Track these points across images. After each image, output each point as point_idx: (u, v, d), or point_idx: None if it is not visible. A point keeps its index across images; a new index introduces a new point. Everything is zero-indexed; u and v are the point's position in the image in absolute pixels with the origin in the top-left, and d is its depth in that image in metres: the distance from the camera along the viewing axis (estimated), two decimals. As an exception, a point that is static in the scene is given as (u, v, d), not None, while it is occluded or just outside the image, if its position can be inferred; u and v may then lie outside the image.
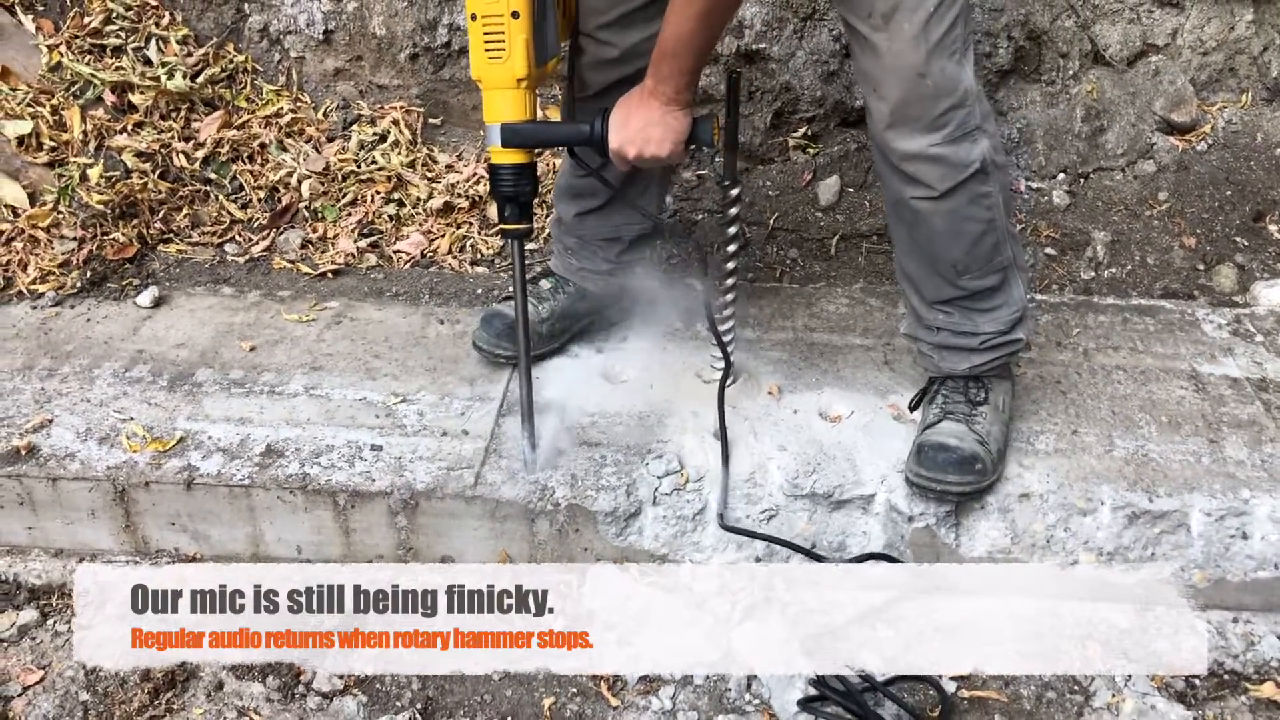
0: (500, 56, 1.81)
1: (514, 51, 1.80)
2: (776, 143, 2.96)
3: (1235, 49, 2.95)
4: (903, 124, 1.80)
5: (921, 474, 1.97)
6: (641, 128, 1.85)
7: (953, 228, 1.89)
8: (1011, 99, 2.96)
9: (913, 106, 1.78)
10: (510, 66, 1.82)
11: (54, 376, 2.29)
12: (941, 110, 1.78)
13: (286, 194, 2.85)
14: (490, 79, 1.84)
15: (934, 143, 1.80)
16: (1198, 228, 2.82)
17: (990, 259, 1.95)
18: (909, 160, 1.83)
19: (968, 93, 1.80)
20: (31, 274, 2.60)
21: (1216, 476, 2.03)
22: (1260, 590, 1.99)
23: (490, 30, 1.79)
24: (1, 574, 2.11)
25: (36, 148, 2.74)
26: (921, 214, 1.89)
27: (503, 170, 1.91)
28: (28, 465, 2.08)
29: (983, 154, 1.84)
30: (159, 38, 2.92)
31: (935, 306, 2.03)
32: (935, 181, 1.84)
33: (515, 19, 1.78)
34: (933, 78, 1.75)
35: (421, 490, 2.02)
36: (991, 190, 1.88)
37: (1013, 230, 2.00)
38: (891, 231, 2.05)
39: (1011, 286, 2.00)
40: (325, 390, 2.25)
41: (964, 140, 1.82)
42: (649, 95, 1.83)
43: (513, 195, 1.93)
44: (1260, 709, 1.88)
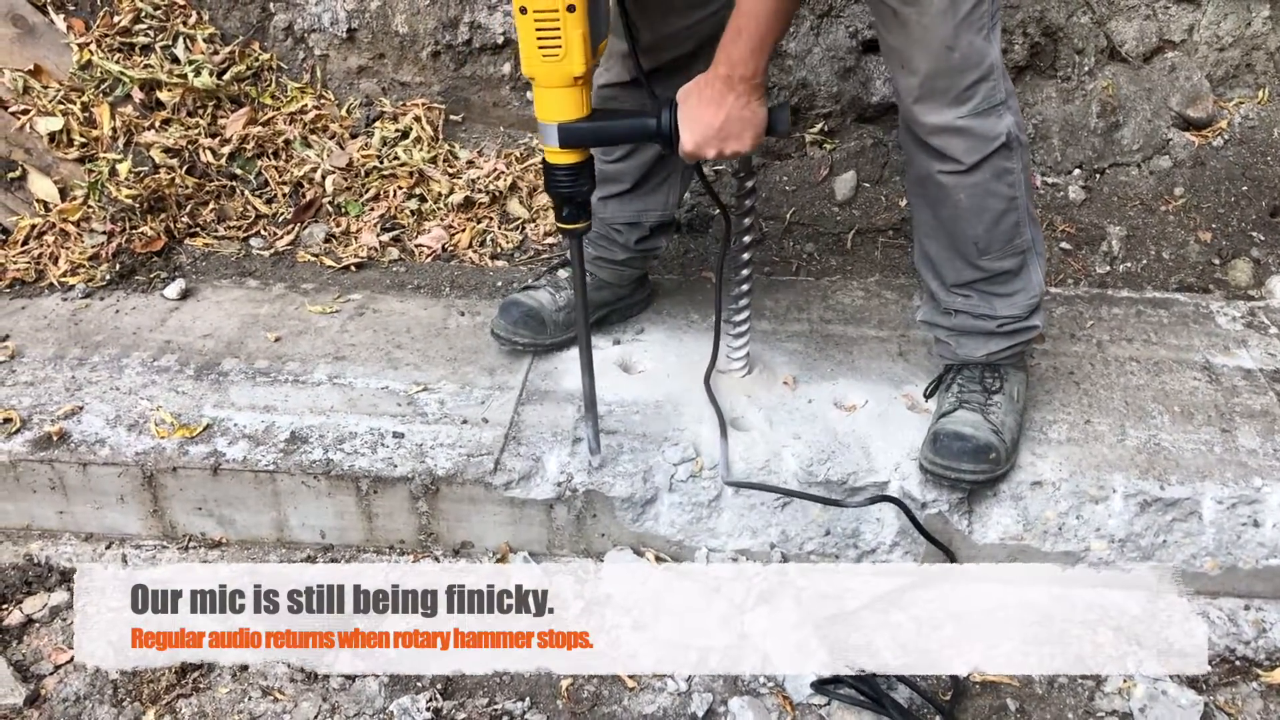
0: (556, 55, 1.66)
1: (571, 48, 1.65)
2: (793, 138, 2.99)
3: (1252, 45, 2.96)
4: (930, 97, 1.83)
5: (936, 462, 1.99)
6: (720, 123, 1.74)
7: (977, 203, 1.92)
8: (1027, 95, 2.98)
9: (940, 79, 1.81)
10: (568, 64, 1.67)
11: (84, 365, 2.34)
12: (969, 83, 1.81)
13: (310, 189, 2.89)
14: (545, 77, 1.70)
15: (961, 115, 1.83)
16: (1213, 223, 2.83)
17: (1011, 239, 1.97)
18: (936, 133, 1.86)
19: (994, 67, 1.83)
20: (62, 267, 2.66)
21: (1229, 465, 2.05)
22: (1271, 577, 2.01)
23: (544, 26, 1.63)
24: (34, 557, 2.16)
25: (67, 144, 2.80)
26: (947, 189, 1.91)
27: (560, 170, 1.81)
28: (59, 451, 2.13)
29: (1008, 128, 1.87)
30: (186, 36, 2.97)
31: (954, 290, 2.05)
32: (962, 155, 1.87)
33: (571, 13, 1.62)
34: (960, 51, 1.78)
35: (442, 476, 2.06)
36: (1015, 167, 1.91)
37: (1033, 214, 2.02)
38: (914, 213, 2.08)
39: (1031, 271, 2.02)
40: (348, 379, 2.29)
41: (990, 114, 1.85)
42: (722, 84, 1.72)
43: (571, 195, 1.84)
44: (1271, 695, 1.90)
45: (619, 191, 2.28)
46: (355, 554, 2.15)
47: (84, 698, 1.91)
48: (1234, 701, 1.89)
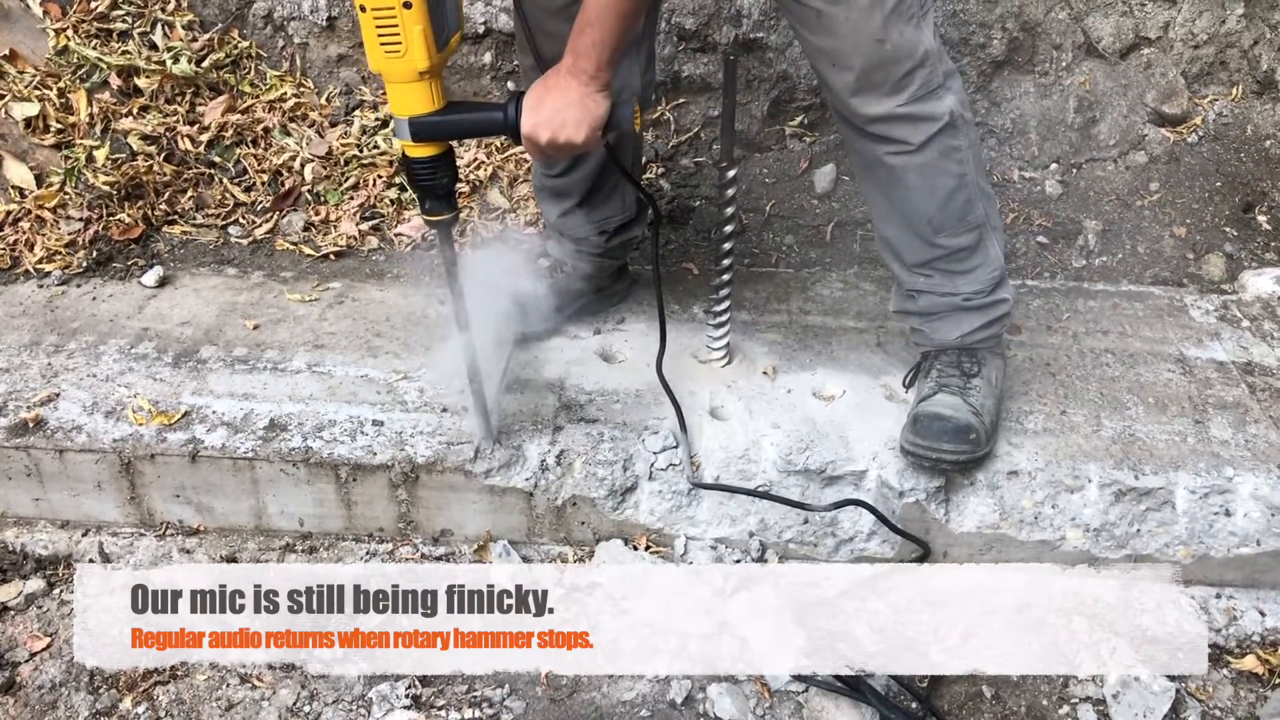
0: (398, 51, 1.64)
1: (411, 45, 1.64)
2: (773, 131, 3.00)
3: (1226, 42, 2.99)
4: (867, 90, 1.84)
5: (917, 443, 2.00)
6: (557, 110, 1.72)
7: (926, 182, 1.93)
8: (1005, 90, 3.00)
9: (875, 73, 1.82)
10: (410, 60, 1.66)
11: (60, 352, 2.33)
12: (904, 72, 1.82)
13: (289, 177, 2.88)
14: (391, 74, 1.69)
15: (900, 103, 1.85)
16: (1188, 218, 2.86)
17: (964, 216, 1.98)
18: (876, 122, 1.87)
19: (928, 53, 1.84)
20: (38, 253, 2.63)
21: (1201, 455, 2.07)
22: (1242, 566, 2.03)
23: (383, 22, 1.62)
24: (9, 544, 2.15)
25: (44, 130, 2.77)
26: (896, 171, 1.92)
27: (417, 164, 1.79)
28: (35, 437, 2.12)
29: (950, 108, 1.88)
30: (165, 23, 2.95)
31: (915, 271, 2.06)
32: (909, 136, 1.88)
33: (408, 9, 1.61)
34: (891, 42, 1.79)
35: (422, 464, 2.06)
36: (962, 144, 1.92)
37: (986, 189, 2.02)
38: (868, 200, 2.09)
39: (988, 246, 2.04)
40: (328, 367, 2.29)
41: (929, 98, 1.86)
42: (566, 74, 1.72)
43: (430, 187, 1.82)
44: (1241, 681, 1.93)
45: (572, 205, 2.28)
46: (334, 541, 2.15)
47: (60, 685, 1.91)
48: (1205, 688, 1.92)
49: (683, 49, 2.89)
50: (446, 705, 1.87)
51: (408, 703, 1.86)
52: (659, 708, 1.87)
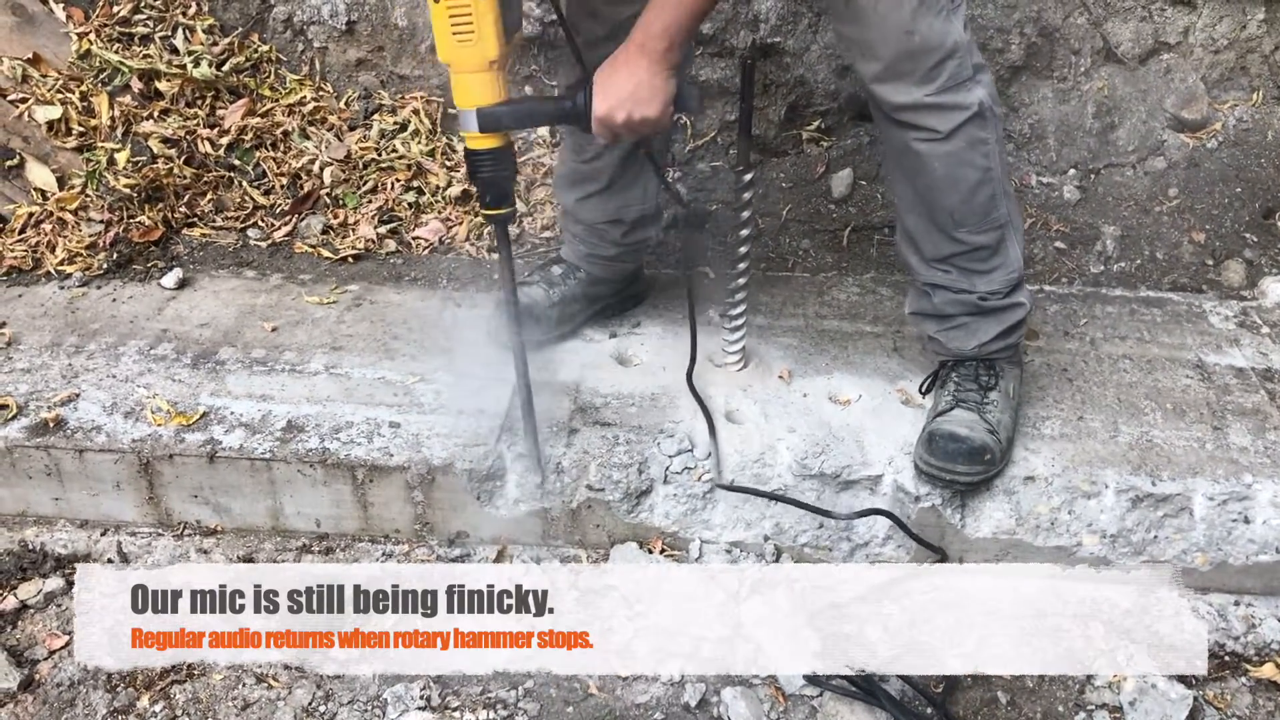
0: (470, 39, 1.70)
1: (484, 32, 1.69)
2: (790, 135, 3.00)
3: (1247, 48, 2.98)
4: (895, 79, 1.85)
5: (931, 463, 2.00)
6: (629, 89, 1.75)
7: (951, 173, 1.93)
8: (1023, 95, 2.99)
9: (903, 63, 1.83)
10: (482, 49, 1.71)
11: (80, 353, 2.35)
12: (933, 64, 1.83)
13: (308, 181, 2.90)
14: (461, 62, 1.73)
15: (929, 93, 1.85)
16: (1207, 224, 2.84)
17: (987, 213, 1.98)
18: (904, 110, 1.88)
19: (957, 45, 1.84)
20: (59, 255, 2.66)
21: (1220, 462, 2.06)
22: (1261, 574, 2.02)
23: (457, 12, 1.68)
24: (29, 543, 2.17)
25: (66, 133, 2.80)
26: (923, 157, 1.92)
27: (480, 156, 1.84)
28: (55, 437, 2.13)
29: (979, 99, 1.88)
30: (186, 27, 2.97)
31: (934, 265, 2.05)
32: (937, 124, 1.88)
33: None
34: (920, 34, 1.79)
35: (438, 466, 2.07)
36: (989, 138, 1.92)
37: (1009, 190, 2.02)
38: (894, 189, 2.09)
39: (1009, 247, 2.03)
40: (345, 369, 2.30)
41: (958, 89, 1.87)
42: (635, 53, 1.75)
43: (493, 180, 1.86)
44: (1260, 689, 1.91)
45: (596, 190, 2.29)
46: (350, 542, 2.16)
47: (78, 683, 1.92)
48: (1223, 696, 1.90)
49: (700, 53, 2.90)
50: (461, 706, 1.88)
51: (422, 704, 1.87)
52: (673, 710, 1.87)
